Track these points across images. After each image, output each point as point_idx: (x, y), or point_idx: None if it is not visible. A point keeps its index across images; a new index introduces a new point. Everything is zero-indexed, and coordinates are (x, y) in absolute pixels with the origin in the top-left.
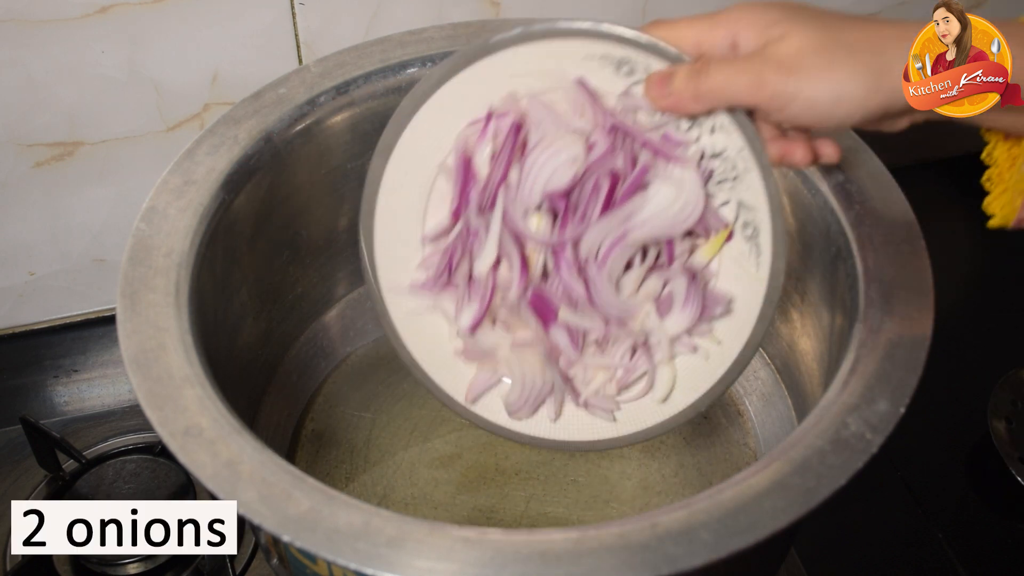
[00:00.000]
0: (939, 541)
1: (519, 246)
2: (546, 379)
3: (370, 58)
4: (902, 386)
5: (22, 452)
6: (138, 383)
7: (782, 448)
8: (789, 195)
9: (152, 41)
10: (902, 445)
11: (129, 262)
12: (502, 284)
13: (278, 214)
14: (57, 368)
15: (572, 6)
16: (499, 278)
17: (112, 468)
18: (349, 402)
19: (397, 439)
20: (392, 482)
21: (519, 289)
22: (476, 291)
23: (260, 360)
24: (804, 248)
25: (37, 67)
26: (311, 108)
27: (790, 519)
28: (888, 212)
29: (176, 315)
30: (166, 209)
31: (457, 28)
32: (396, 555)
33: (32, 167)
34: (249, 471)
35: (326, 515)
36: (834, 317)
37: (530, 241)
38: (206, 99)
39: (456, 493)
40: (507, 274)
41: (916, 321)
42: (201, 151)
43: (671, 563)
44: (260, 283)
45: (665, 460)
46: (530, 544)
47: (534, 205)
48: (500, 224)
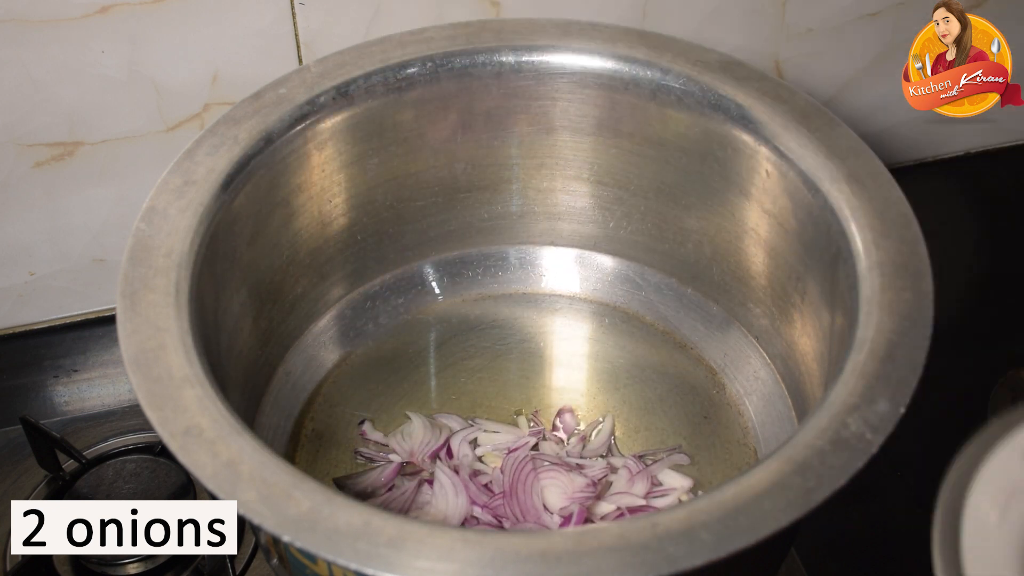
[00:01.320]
0: None
1: None
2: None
3: (370, 58)
4: (902, 386)
5: (22, 452)
6: (138, 383)
7: (782, 448)
8: (789, 195)
9: (152, 41)
10: (902, 445)
11: (129, 262)
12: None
13: (278, 214)
14: (57, 368)
15: (572, 6)
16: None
17: (112, 468)
18: (349, 402)
19: None
20: None
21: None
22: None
23: (260, 360)
24: (804, 248)
25: (37, 67)
26: (311, 108)
27: (790, 519)
28: (888, 212)
29: (176, 315)
30: (166, 209)
31: (457, 28)
32: (396, 555)
33: (32, 167)
34: (249, 471)
35: (326, 515)
36: (834, 317)
37: None
38: (206, 99)
39: None
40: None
41: (916, 321)
42: (201, 151)
43: (671, 563)
44: (260, 283)
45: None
46: (530, 544)
47: None
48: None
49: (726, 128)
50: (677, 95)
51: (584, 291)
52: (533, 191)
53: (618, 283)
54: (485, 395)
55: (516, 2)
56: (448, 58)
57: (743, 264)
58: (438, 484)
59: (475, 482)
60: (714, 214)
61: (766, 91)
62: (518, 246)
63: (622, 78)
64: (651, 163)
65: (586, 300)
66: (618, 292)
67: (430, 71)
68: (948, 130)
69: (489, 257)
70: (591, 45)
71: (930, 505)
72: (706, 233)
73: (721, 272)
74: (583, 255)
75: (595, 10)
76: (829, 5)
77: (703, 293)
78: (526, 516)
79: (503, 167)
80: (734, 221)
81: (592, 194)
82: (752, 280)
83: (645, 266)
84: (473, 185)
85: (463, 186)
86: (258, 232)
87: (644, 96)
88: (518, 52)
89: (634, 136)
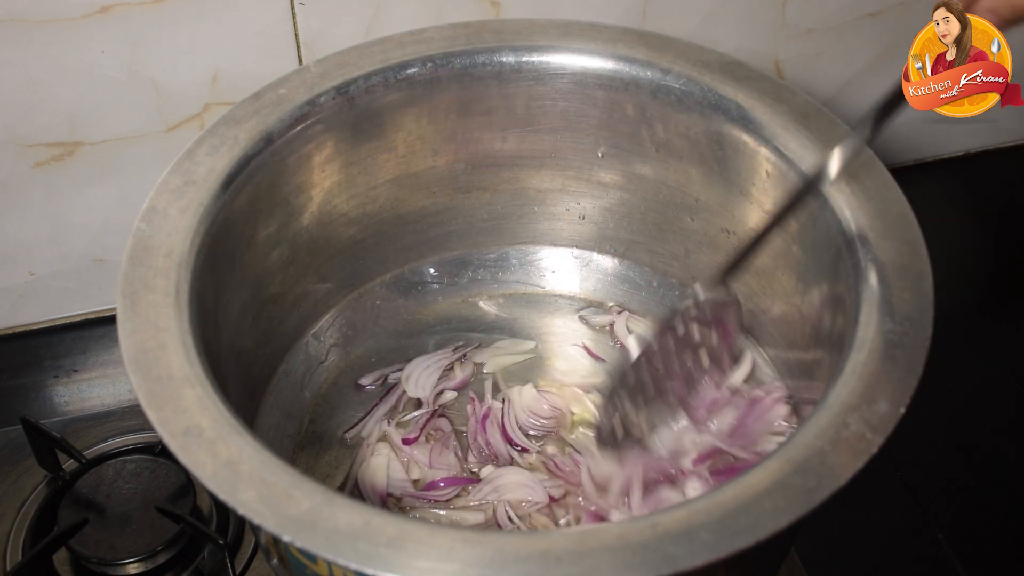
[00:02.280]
0: (939, 541)
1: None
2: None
3: (370, 58)
4: (902, 386)
5: (22, 452)
6: (138, 383)
7: (782, 448)
8: (789, 195)
9: (152, 41)
10: (902, 445)
11: (129, 262)
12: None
13: (278, 214)
14: (57, 368)
15: (572, 6)
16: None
17: (112, 468)
18: (349, 403)
19: None
20: None
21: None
22: None
23: (260, 360)
24: (804, 248)
25: (37, 67)
26: (311, 108)
27: (790, 519)
28: (888, 212)
29: (176, 315)
30: (166, 209)
31: (457, 28)
32: (396, 555)
33: (32, 167)
34: (249, 471)
35: (326, 515)
36: (834, 317)
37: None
38: (206, 99)
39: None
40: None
41: (916, 321)
42: (201, 151)
43: (671, 563)
44: (260, 283)
45: None
46: (530, 544)
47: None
48: None
49: (726, 128)
50: (677, 95)
51: (584, 291)
52: (533, 191)
53: (618, 283)
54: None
55: (516, 2)
56: (448, 58)
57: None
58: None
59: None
60: (714, 214)
61: (766, 91)
62: (518, 246)
63: (622, 78)
64: (651, 163)
65: (586, 300)
66: (618, 292)
67: (430, 71)
68: (948, 130)
69: (489, 257)
70: (591, 45)
71: (930, 505)
72: (706, 233)
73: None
74: (583, 255)
75: (595, 10)
76: (829, 5)
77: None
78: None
79: (503, 167)
80: (734, 221)
81: (592, 194)
82: (752, 281)
83: (645, 266)
84: (473, 185)
85: (463, 186)
86: (258, 232)
87: (644, 96)
88: (518, 52)
89: (634, 136)
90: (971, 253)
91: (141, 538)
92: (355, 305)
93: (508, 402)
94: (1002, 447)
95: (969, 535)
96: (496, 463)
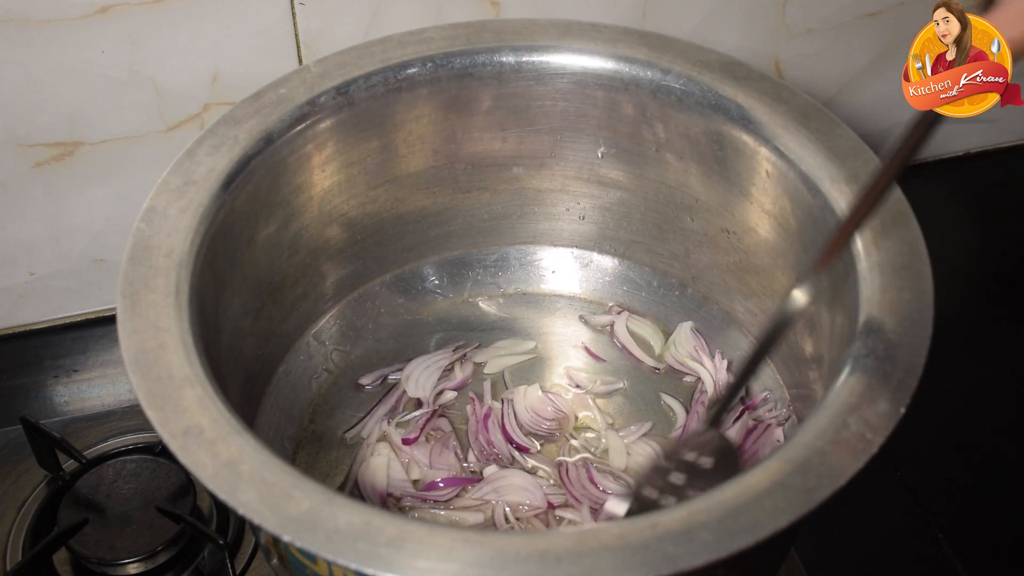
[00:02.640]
0: (939, 541)
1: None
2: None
3: (370, 58)
4: (902, 386)
5: (22, 452)
6: (138, 383)
7: (782, 448)
8: (789, 196)
9: (152, 41)
10: (902, 445)
11: (129, 262)
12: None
13: (278, 214)
14: (57, 368)
15: (572, 6)
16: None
17: (112, 468)
18: (349, 403)
19: None
20: None
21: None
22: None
23: (260, 360)
24: (804, 248)
25: (37, 67)
26: (311, 108)
27: (790, 519)
28: (888, 212)
29: (176, 315)
30: (166, 209)
31: (457, 28)
32: (396, 555)
33: (32, 167)
34: (249, 471)
35: (326, 515)
36: (834, 317)
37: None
38: (206, 99)
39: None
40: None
41: (916, 321)
42: (201, 151)
43: (671, 563)
44: (260, 283)
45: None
46: (530, 544)
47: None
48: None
49: (726, 128)
50: (677, 95)
51: (584, 291)
52: (533, 191)
53: (618, 283)
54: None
55: (516, 2)
56: (448, 58)
57: (743, 264)
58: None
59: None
60: (714, 214)
61: (766, 91)
62: (518, 246)
63: (622, 78)
64: (651, 163)
65: (586, 300)
66: (618, 292)
67: (430, 71)
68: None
69: (489, 257)
70: (591, 45)
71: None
72: (706, 233)
73: (721, 272)
74: (583, 255)
75: (595, 10)
76: (829, 5)
77: (703, 293)
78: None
79: (503, 167)
80: (734, 221)
81: (592, 194)
82: (752, 281)
83: (645, 266)
84: (473, 185)
85: (463, 186)
86: (258, 232)
87: (644, 96)
88: (518, 52)
89: (634, 136)
90: (971, 253)
91: (141, 538)
92: (355, 305)
93: (509, 402)
94: (1002, 447)
95: (969, 535)
96: (498, 463)
